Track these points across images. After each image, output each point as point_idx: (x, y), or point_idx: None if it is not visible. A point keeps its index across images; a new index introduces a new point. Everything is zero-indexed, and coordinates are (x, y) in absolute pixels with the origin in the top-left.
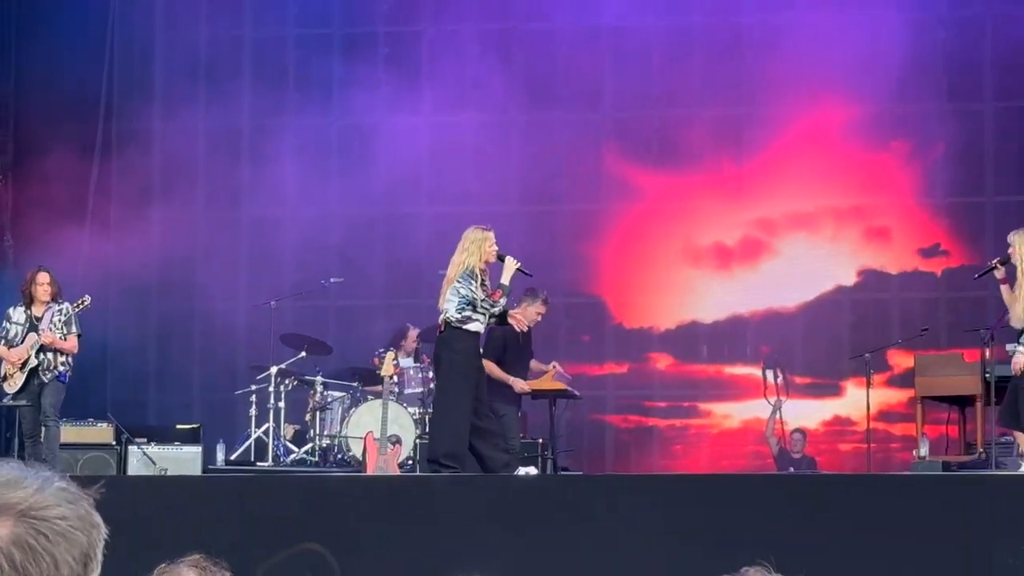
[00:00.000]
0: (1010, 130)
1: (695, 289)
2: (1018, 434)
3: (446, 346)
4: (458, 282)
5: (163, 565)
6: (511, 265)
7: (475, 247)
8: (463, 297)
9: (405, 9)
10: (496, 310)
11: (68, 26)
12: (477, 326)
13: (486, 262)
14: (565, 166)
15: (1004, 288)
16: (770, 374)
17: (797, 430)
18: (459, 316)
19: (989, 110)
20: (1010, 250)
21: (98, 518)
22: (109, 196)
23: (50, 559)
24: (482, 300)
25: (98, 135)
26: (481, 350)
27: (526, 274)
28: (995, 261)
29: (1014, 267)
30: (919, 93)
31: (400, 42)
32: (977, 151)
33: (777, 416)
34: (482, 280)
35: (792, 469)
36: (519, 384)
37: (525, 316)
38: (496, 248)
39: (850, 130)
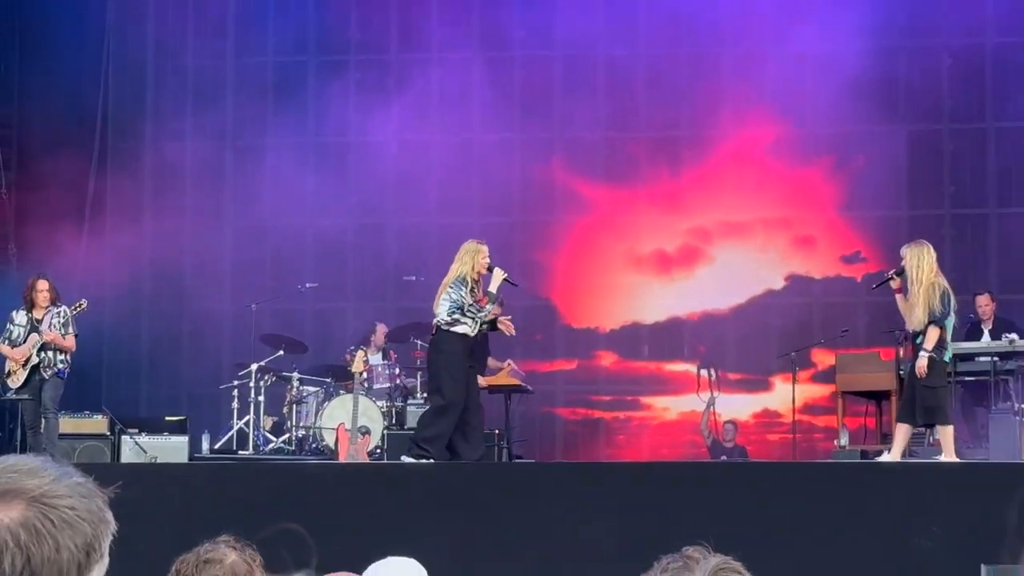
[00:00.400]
0: (922, 150)
1: (637, 293)
2: (901, 426)
3: (436, 347)
4: (450, 288)
5: (207, 545)
6: (498, 275)
7: (468, 257)
8: (453, 302)
9: (374, 40)
10: (483, 315)
11: (66, 53)
12: (465, 328)
13: (478, 272)
14: (521, 181)
15: (899, 297)
16: (705, 373)
17: (729, 421)
18: (448, 319)
19: (903, 132)
20: (903, 262)
21: (109, 515)
22: (105, 207)
23: (52, 543)
24: (470, 305)
25: (94, 152)
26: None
27: (512, 284)
28: (891, 273)
29: (907, 277)
30: (840, 115)
31: (370, 69)
32: (893, 169)
33: (711, 411)
34: (471, 287)
35: (725, 457)
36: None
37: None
38: (488, 260)
39: (778, 148)
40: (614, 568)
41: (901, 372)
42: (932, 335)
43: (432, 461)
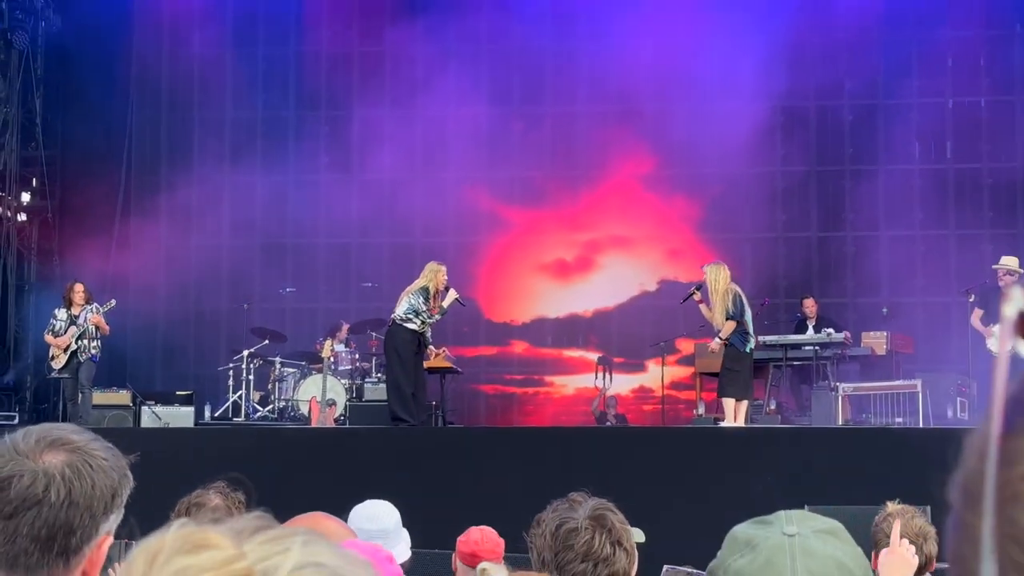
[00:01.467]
0: (761, 186)
1: (543, 294)
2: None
3: (391, 337)
4: (411, 295)
5: (199, 490)
6: (452, 295)
7: (432, 274)
8: (411, 306)
9: (337, 99)
10: (431, 322)
11: (99, 106)
12: (414, 326)
13: (437, 288)
14: (455, 209)
15: (702, 307)
16: (603, 364)
17: (612, 395)
18: (404, 316)
19: (747, 173)
20: (705, 277)
21: (130, 474)
22: (129, 226)
23: (89, 481)
24: (423, 311)
25: (121, 183)
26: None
27: (461, 304)
28: (692, 288)
29: (707, 289)
30: (698, 157)
31: (337, 122)
32: (739, 200)
33: (603, 396)
34: (426, 297)
35: (609, 423)
36: None
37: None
38: (447, 279)
39: (651, 181)
40: (520, 506)
41: None
42: (727, 327)
43: (411, 424)
